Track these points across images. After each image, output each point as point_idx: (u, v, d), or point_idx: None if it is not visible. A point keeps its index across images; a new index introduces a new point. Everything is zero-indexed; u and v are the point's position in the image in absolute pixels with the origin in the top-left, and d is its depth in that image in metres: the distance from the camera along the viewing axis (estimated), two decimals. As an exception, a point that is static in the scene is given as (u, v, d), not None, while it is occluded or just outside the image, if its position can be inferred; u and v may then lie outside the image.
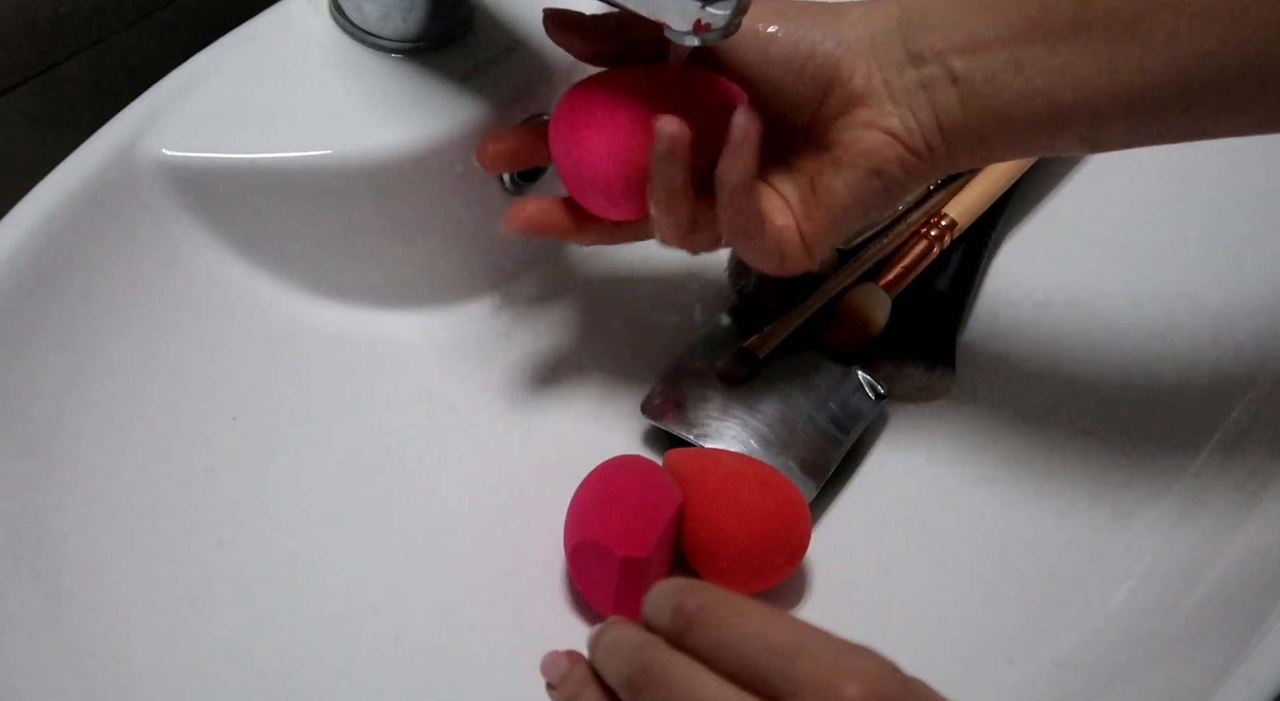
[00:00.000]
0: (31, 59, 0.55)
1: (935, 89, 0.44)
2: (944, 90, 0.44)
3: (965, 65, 0.44)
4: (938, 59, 0.44)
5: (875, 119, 0.45)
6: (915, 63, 0.45)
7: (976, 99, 0.44)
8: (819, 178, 0.47)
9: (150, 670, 0.44)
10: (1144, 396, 0.57)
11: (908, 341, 0.57)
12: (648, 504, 0.48)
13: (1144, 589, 0.50)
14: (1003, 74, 0.43)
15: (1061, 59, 0.43)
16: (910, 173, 0.46)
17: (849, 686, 0.31)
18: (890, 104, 0.45)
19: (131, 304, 0.49)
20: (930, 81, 0.44)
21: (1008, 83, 0.43)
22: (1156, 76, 0.42)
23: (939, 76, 0.44)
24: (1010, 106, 0.44)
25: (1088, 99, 0.43)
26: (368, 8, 0.52)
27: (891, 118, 0.45)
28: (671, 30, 0.43)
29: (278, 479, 0.50)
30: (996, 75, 0.43)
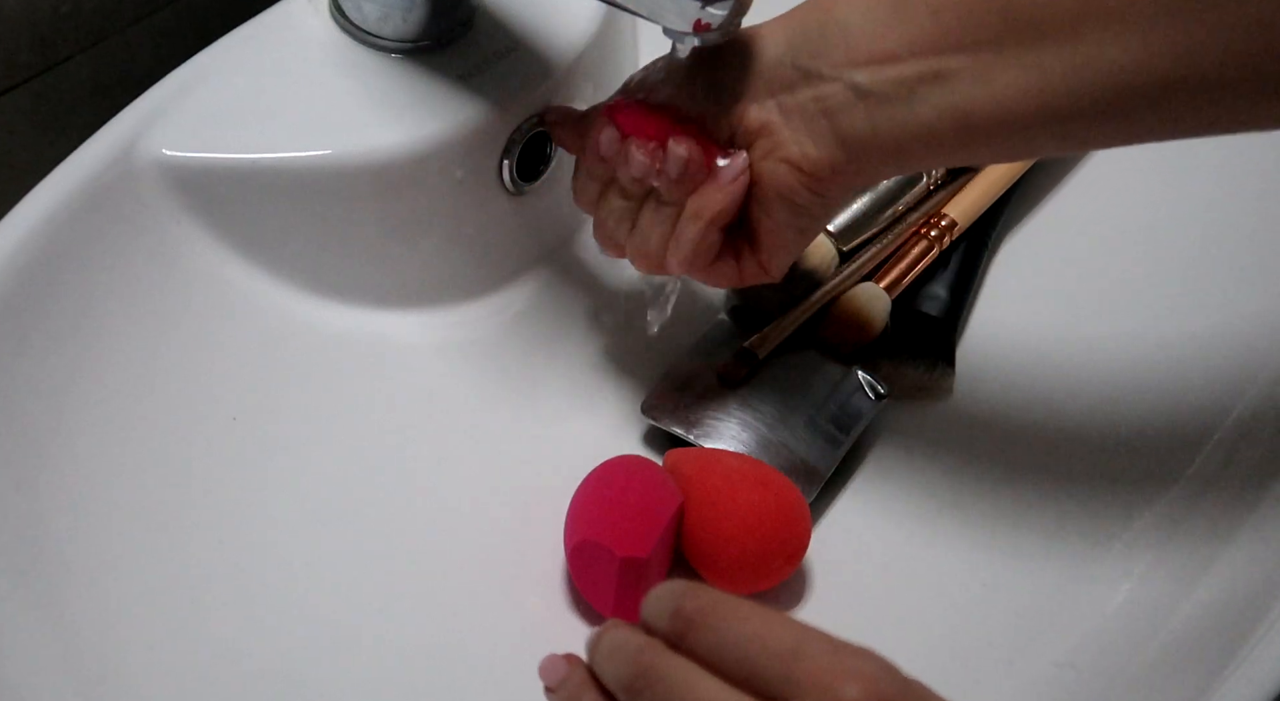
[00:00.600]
0: (31, 59, 0.55)
1: (835, 107, 0.43)
2: (848, 108, 0.43)
3: (873, 78, 0.42)
4: (837, 75, 0.43)
5: (773, 149, 0.45)
6: (810, 81, 0.43)
7: (889, 113, 0.42)
8: (749, 216, 0.47)
9: (150, 670, 0.44)
10: (1144, 396, 0.57)
11: (908, 341, 0.57)
12: (648, 504, 0.48)
13: (1144, 589, 0.50)
14: (919, 86, 0.42)
15: (985, 67, 0.41)
16: (820, 194, 0.45)
17: (848, 687, 0.31)
18: (786, 130, 0.44)
19: (131, 304, 0.49)
20: (828, 99, 0.43)
21: (925, 95, 0.42)
22: (1086, 86, 0.40)
23: (838, 93, 0.43)
24: (928, 118, 0.42)
25: (1012, 110, 0.41)
26: (368, 8, 0.52)
27: (789, 146, 0.44)
28: (671, 30, 0.43)
29: (278, 479, 0.50)
30: (913, 88, 0.42)
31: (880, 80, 0.42)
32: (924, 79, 0.42)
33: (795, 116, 0.44)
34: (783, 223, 0.47)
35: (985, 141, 0.42)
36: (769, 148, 0.45)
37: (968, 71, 0.41)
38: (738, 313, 0.58)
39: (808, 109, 0.44)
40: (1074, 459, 0.55)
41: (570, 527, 0.49)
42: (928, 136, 0.42)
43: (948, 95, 0.41)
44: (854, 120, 0.43)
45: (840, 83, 0.43)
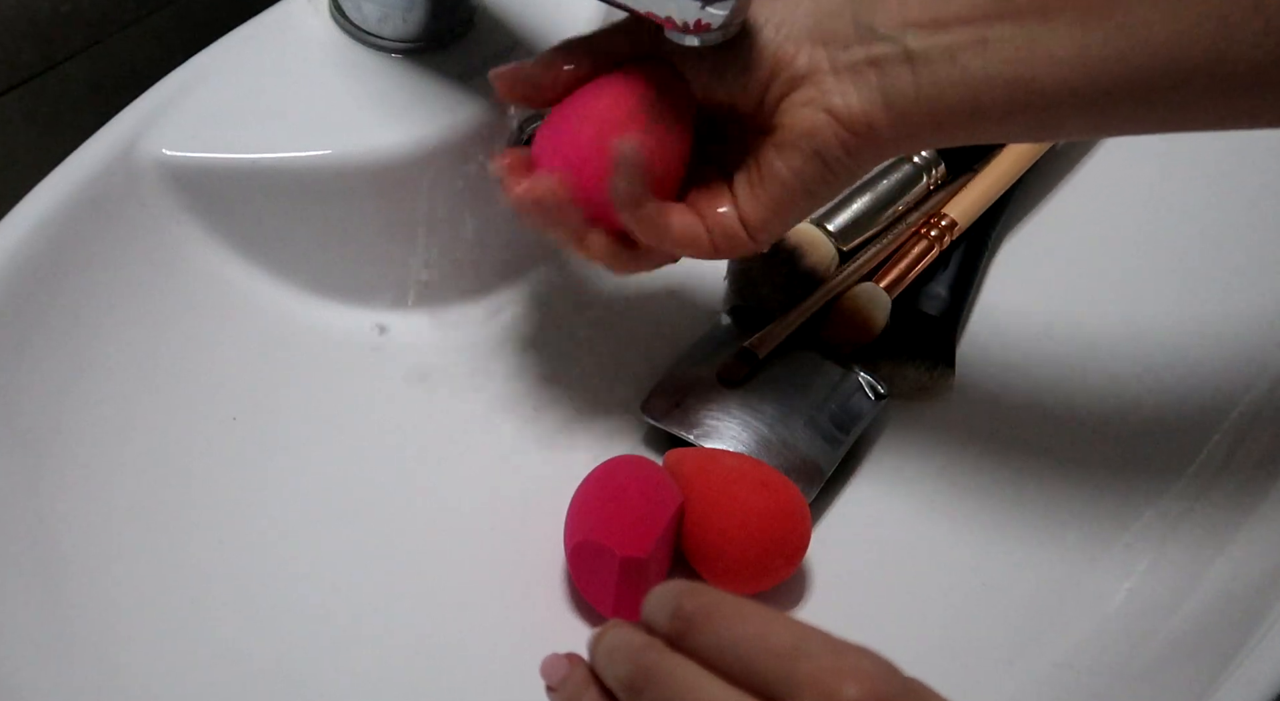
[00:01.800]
0: (31, 59, 0.55)
1: (886, 67, 0.43)
2: (896, 68, 0.43)
3: (924, 43, 0.42)
4: (892, 35, 0.43)
5: (816, 97, 0.44)
6: (864, 40, 0.43)
7: (934, 78, 0.43)
8: (763, 161, 0.46)
9: (150, 669, 0.44)
10: (1144, 396, 0.57)
11: (908, 341, 0.57)
12: (648, 504, 0.48)
13: (1144, 589, 0.50)
14: (965, 53, 0.42)
15: (1031, 38, 0.41)
16: (851, 153, 0.45)
17: (848, 687, 0.31)
18: (833, 81, 0.44)
19: (131, 304, 0.49)
20: (881, 59, 0.43)
21: (970, 62, 0.42)
22: (1129, 61, 0.40)
23: (892, 54, 0.43)
24: (970, 89, 0.42)
25: (1054, 82, 0.41)
26: (368, 8, 0.52)
27: (833, 96, 0.44)
28: (671, 30, 0.43)
29: (278, 479, 0.50)
30: (959, 54, 0.42)
31: (930, 45, 0.42)
32: (970, 46, 0.42)
33: (845, 70, 0.44)
34: (801, 176, 0.45)
35: (1024, 115, 0.43)
36: (812, 96, 0.44)
37: (1013, 41, 0.41)
38: (738, 313, 0.58)
39: (859, 64, 0.44)
40: (1074, 459, 0.55)
41: (570, 528, 0.49)
42: (969, 105, 0.43)
43: (992, 64, 0.42)
44: (900, 82, 0.43)
45: (892, 43, 0.43)
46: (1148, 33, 0.40)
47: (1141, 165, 0.64)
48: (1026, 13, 0.41)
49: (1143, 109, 0.42)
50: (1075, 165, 0.65)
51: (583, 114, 0.46)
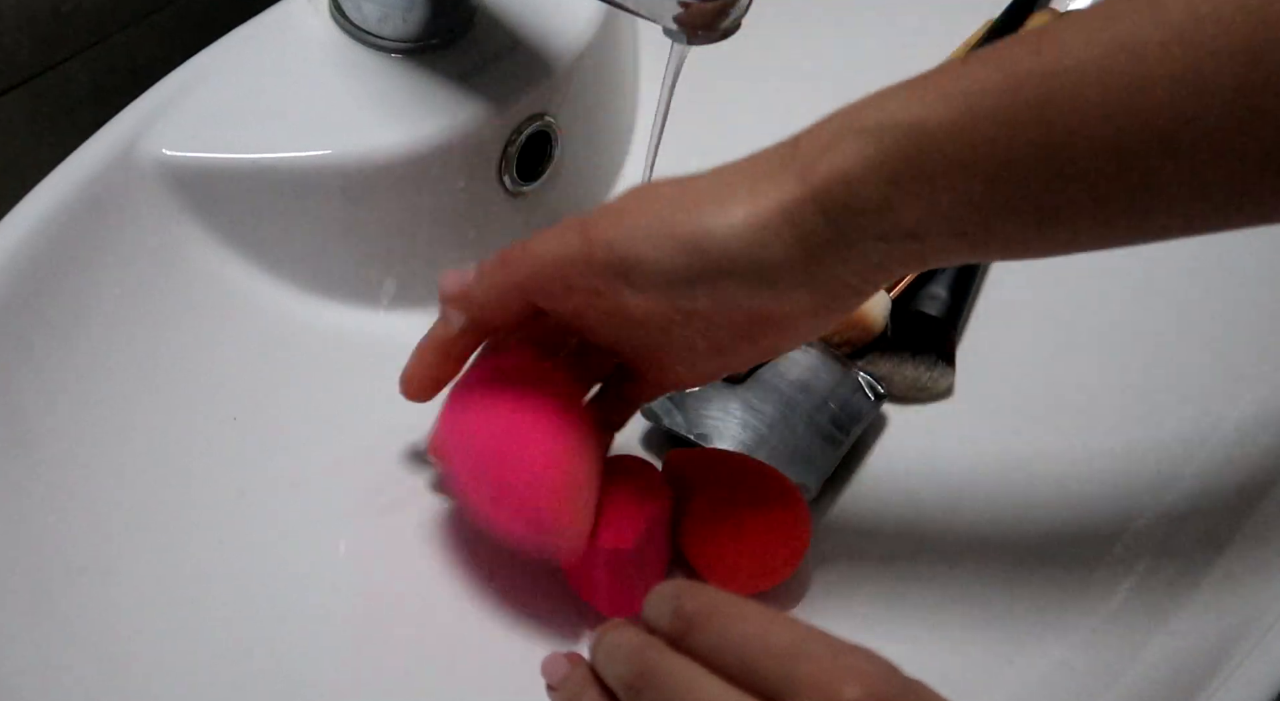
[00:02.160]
0: (31, 59, 0.55)
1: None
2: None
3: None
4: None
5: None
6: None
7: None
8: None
9: (150, 669, 0.44)
10: (1145, 395, 0.57)
11: (908, 341, 0.57)
12: (633, 497, 0.48)
13: (1144, 589, 0.50)
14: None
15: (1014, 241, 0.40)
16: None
17: (848, 687, 0.31)
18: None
19: (131, 304, 0.49)
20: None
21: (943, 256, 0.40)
22: (1112, 243, 0.40)
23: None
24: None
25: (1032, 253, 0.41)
26: (368, 8, 0.52)
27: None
28: (671, 31, 0.43)
29: (278, 479, 0.50)
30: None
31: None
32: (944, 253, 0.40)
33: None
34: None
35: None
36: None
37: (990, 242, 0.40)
38: (738, 313, 0.58)
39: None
40: (1074, 458, 0.55)
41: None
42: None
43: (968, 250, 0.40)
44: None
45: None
46: (1137, 228, 0.39)
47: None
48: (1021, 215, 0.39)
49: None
50: (1075, 165, 0.65)
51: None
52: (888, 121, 0.37)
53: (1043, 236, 0.39)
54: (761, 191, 0.39)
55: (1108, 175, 0.36)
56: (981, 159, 0.36)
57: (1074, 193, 0.36)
